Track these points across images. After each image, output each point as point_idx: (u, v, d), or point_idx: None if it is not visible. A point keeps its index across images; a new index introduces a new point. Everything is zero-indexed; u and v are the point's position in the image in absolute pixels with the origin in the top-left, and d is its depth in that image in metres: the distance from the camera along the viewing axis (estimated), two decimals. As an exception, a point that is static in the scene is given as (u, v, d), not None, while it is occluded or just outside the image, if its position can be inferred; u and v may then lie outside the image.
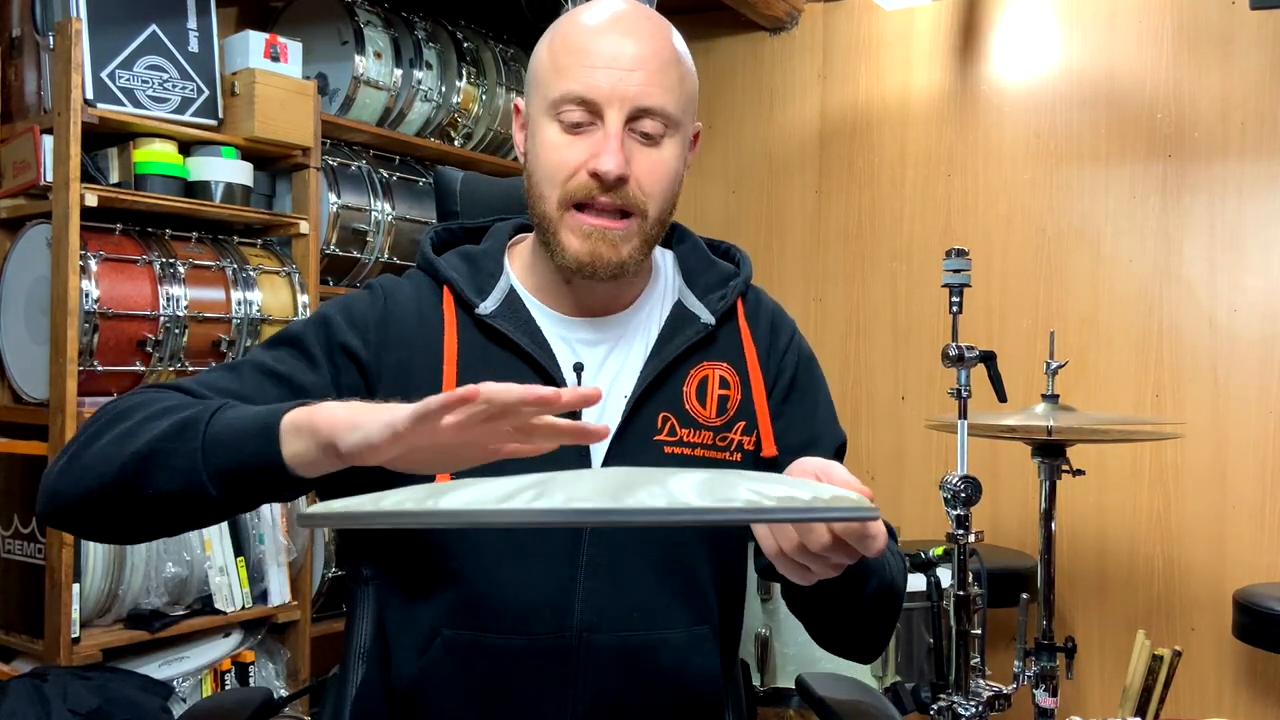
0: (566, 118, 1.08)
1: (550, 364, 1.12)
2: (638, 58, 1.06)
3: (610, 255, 1.09)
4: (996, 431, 2.29)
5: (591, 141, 1.07)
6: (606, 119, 1.06)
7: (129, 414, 0.97)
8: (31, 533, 2.23)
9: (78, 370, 2.17)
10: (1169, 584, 2.91)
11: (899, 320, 3.28)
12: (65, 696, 1.95)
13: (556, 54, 1.10)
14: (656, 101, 1.07)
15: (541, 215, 1.11)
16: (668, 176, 1.11)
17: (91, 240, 2.23)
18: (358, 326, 1.12)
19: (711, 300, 1.20)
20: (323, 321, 1.13)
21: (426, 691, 1.11)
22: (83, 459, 0.96)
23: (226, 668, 2.46)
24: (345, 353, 1.11)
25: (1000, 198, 3.14)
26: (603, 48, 1.07)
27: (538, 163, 1.11)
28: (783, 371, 1.22)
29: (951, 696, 2.00)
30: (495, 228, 1.25)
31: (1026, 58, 3.12)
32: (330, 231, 2.77)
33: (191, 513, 0.95)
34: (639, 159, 1.08)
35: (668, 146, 1.10)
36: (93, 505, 0.95)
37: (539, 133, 1.11)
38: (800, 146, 3.47)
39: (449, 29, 3.17)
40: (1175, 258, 2.92)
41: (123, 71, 2.32)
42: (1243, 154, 2.85)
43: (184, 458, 0.90)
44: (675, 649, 1.13)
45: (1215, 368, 2.87)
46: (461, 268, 1.18)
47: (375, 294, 1.16)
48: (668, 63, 1.09)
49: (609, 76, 1.06)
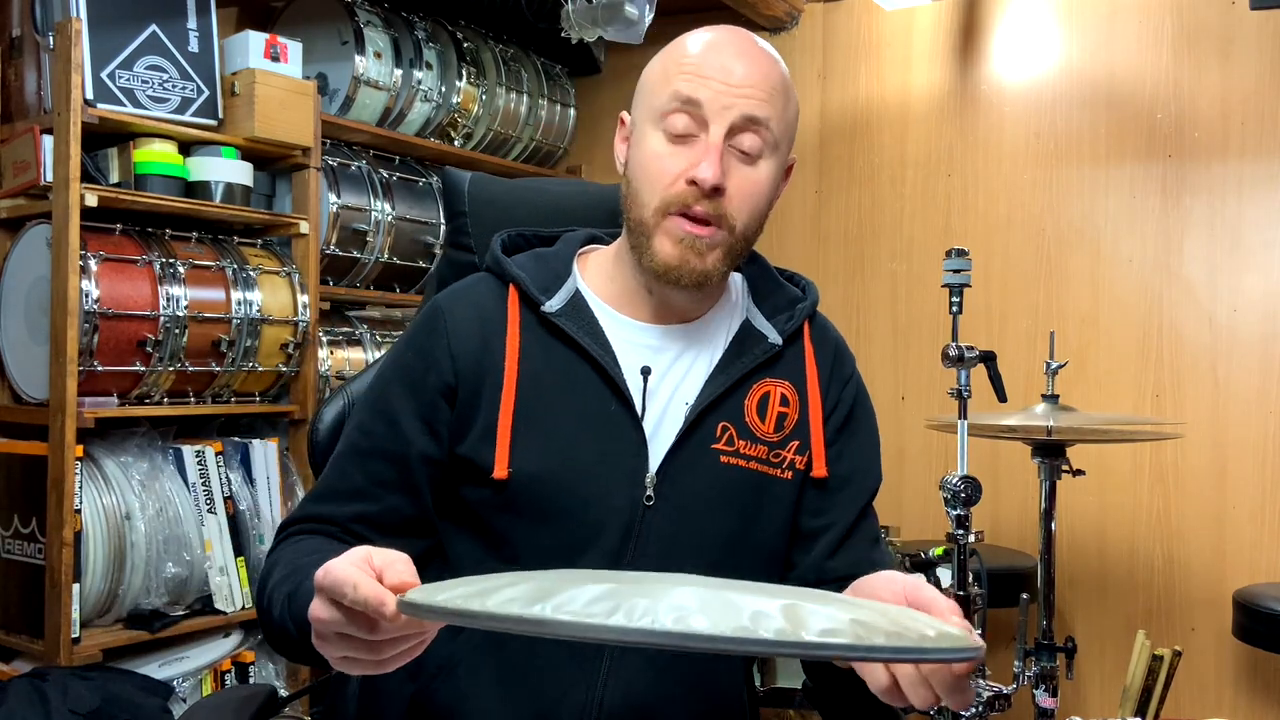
0: (671, 126, 1.10)
1: (612, 365, 1.14)
2: (747, 76, 1.10)
3: (697, 263, 1.11)
4: (996, 431, 2.29)
5: (693, 152, 1.10)
6: (710, 130, 1.09)
7: (263, 594, 1.07)
8: (31, 533, 2.23)
9: (78, 370, 2.17)
10: (1169, 584, 2.91)
11: (899, 320, 3.28)
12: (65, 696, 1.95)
13: (669, 66, 1.14)
14: (761, 112, 1.10)
15: (638, 220, 1.13)
16: (760, 195, 1.13)
17: (91, 240, 2.23)
18: (441, 358, 1.15)
19: (779, 321, 1.23)
20: (401, 375, 1.17)
21: (456, 675, 1.13)
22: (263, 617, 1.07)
23: (226, 668, 2.46)
24: (444, 391, 1.15)
25: (1000, 198, 3.14)
26: (715, 61, 1.11)
27: (639, 169, 1.14)
28: (842, 401, 1.25)
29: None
30: (566, 236, 1.28)
31: (1026, 58, 3.12)
32: (330, 231, 2.77)
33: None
34: (735, 174, 1.11)
35: (764, 167, 1.13)
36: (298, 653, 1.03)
37: (643, 141, 1.13)
38: (800, 146, 3.47)
39: (449, 29, 3.17)
40: (1175, 258, 2.92)
41: (123, 71, 2.32)
42: (1243, 154, 2.85)
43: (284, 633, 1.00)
44: (702, 664, 1.15)
45: (1215, 368, 2.87)
46: (530, 267, 1.20)
47: (437, 321, 1.18)
48: (775, 86, 1.12)
49: (717, 87, 1.09)
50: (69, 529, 2.15)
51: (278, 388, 2.65)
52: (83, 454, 2.22)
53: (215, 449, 2.49)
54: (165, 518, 2.34)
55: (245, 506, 2.52)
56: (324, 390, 2.73)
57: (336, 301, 2.96)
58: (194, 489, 2.43)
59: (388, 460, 1.13)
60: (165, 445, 2.44)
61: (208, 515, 2.44)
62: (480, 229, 1.38)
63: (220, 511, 2.46)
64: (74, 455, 2.18)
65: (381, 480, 1.13)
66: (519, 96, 3.33)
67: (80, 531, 2.19)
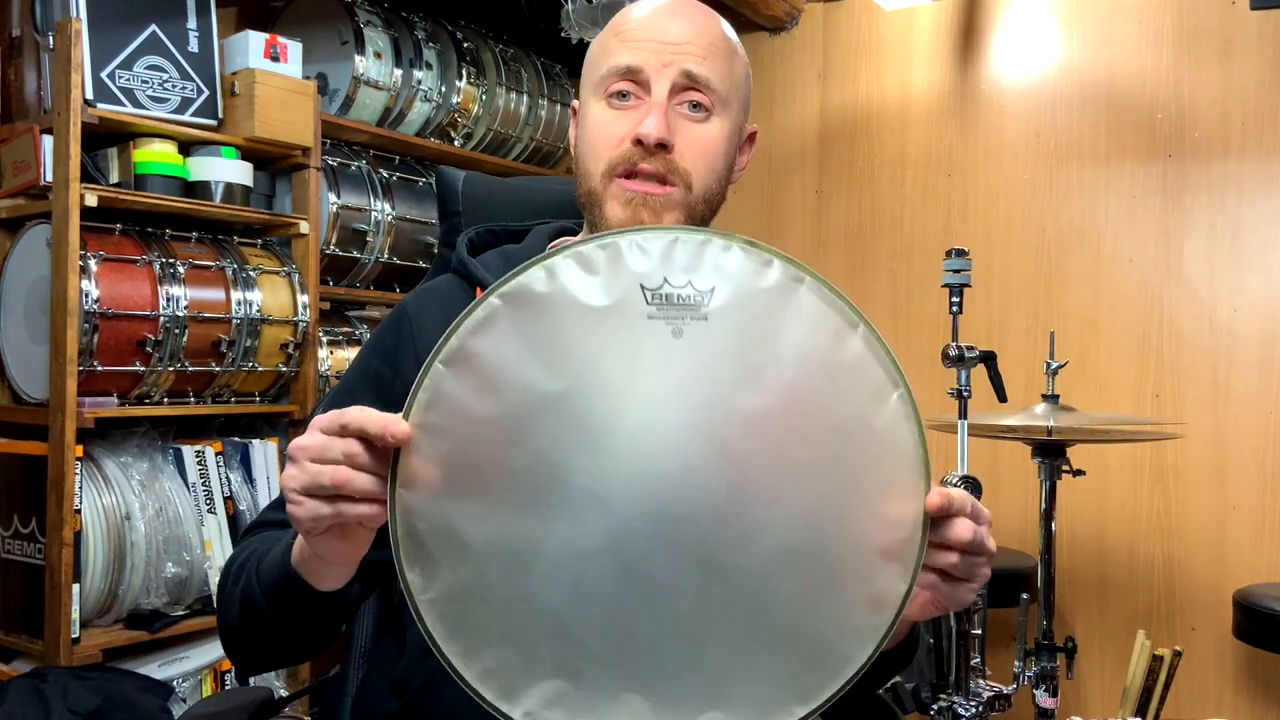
0: (613, 89, 1.08)
1: None
2: (684, 33, 1.08)
3: (651, 221, 1.07)
4: (996, 431, 2.29)
5: (637, 114, 1.07)
6: (653, 91, 1.07)
7: (236, 568, 1.04)
8: (31, 533, 2.23)
9: (78, 370, 2.17)
10: (1169, 584, 2.91)
11: (899, 320, 3.28)
12: (65, 696, 1.95)
13: (607, 38, 1.12)
14: (702, 70, 1.07)
15: (588, 192, 1.11)
16: (713, 151, 1.10)
17: (91, 240, 2.23)
18: (404, 357, 1.13)
19: None
20: (363, 375, 1.15)
21: (440, 691, 1.10)
22: (220, 607, 1.05)
23: (226, 668, 2.46)
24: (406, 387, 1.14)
25: (1000, 198, 3.14)
26: (651, 25, 1.09)
27: (584, 142, 1.11)
28: None
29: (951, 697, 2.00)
30: (536, 229, 1.25)
31: (1026, 58, 3.12)
32: (330, 231, 2.76)
33: (269, 630, 1.00)
34: (684, 130, 1.08)
35: (715, 124, 1.09)
36: (246, 643, 1.02)
37: (587, 115, 1.11)
38: (800, 146, 3.47)
39: (449, 29, 3.17)
40: (1175, 258, 2.92)
41: (123, 71, 2.32)
42: (1243, 154, 2.85)
43: (248, 599, 0.98)
44: None
45: (1215, 368, 2.87)
46: (498, 266, 1.18)
47: (402, 319, 1.16)
48: (716, 40, 1.10)
49: (655, 48, 1.07)
50: (69, 529, 2.15)
51: (278, 388, 2.65)
52: (83, 454, 2.22)
53: (215, 449, 2.49)
54: (165, 518, 2.34)
55: (245, 506, 2.52)
56: (324, 390, 2.73)
57: (336, 301, 2.96)
58: (194, 489, 2.43)
59: None
60: (165, 445, 2.44)
61: (208, 515, 2.44)
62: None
63: (220, 511, 2.46)
64: (74, 455, 2.18)
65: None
66: (519, 96, 3.33)
67: (80, 531, 2.19)
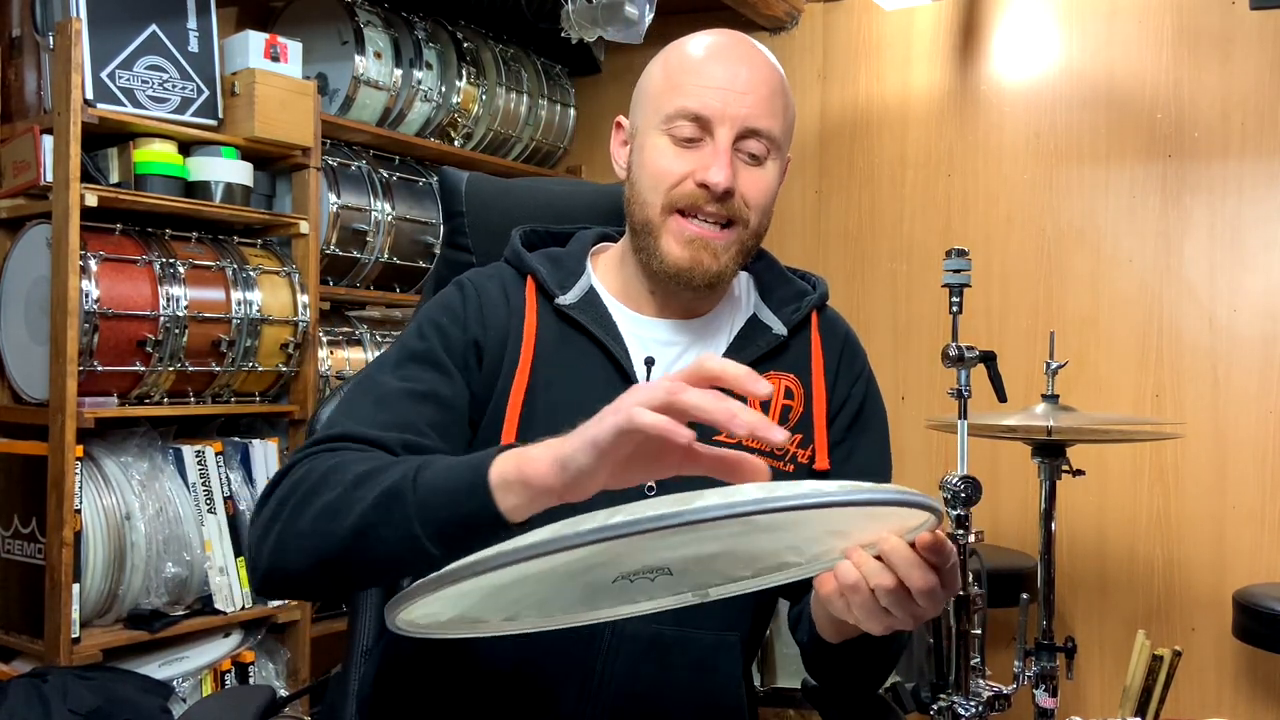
0: (678, 132, 1.14)
1: (622, 355, 1.17)
2: (750, 82, 1.14)
3: (710, 264, 1.15)
4: (996, 431, 2.29)
5: (700, 155, 1.13)
6: (717, 135, 1.13)
7: (325, 486, 0.96)
8: (31, 533, 2.23)
9: (78, 370, 2.17)
10: (1169, 584, 2.91)
11: (899, 320, 3.27)
12: (65, 696, 1.95)
13: (672, 73, 1.17)
14: (764, 124, 1.14)
15: (643, 221, 1.16)
16: (768, 193, 1.18)
17: (91, 240, 2.23)
18: (472, 321, 1.17)
19: (785, 313, 1.25)
20: (436, 329, 1.16)
21: (450, 673, 1.12)
22: (294, 537, 0.96)
23: (226, 668, 2.46)
24: (475, 349, 1.16)
25: (1000, 198, 3.14)
26: (718, 70, 1.14)
27: (643, 171, 1.17)
28: (852, 398, 1.27)
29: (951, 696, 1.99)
30: (579, 234, 1.31)
31: (1026, 58, 3.11)
32: (330, 231, 2.77)
33: (416, 569, 0.94)
34: (743, 175, 1.14)
35: (769, 167, 1.17)
36: (315, 578, 0.98)
37: (647, 144, 1.16)
38: (800, 146, 3.47)
39: (449, 29, 3.17)
40: (1175, 258, 2.92)
41: (123, 71, 2.32)
42: (1243, 154, 2.85)
43: (399, 527, 0.90)
44: (702, 650, 1.16)
45: (1215, 368, 2.87)
46: (546, 264, 1.23)
47: (466, 288, 1.21)
48: (775, 90, 1.16)
49: (722, 97, 1.12)
50: (69, 529, 2.15)
51: (278, 388, 2.65)
52: (83, 454, 2.22)
53: (215, 449, 2.49)
54: (165, 518, 2.34)
55: (245, 506, 2.51)
56: (324, 390, 2.73)
57: (336, 301, 2.96)
58: (194, 489, 2.43)
59: (441, 406, 1.11)
60: (165, 445, 2.44)
61: (208, 515, 2.44)
62: (478, 229, 1.39)
63: (220, 511, 2.46)
64: (74, 455, 2.18)
65: (434, 423, 1.09)
66: (519, 96, 3.33)
67: (80, 531, 2.19)
